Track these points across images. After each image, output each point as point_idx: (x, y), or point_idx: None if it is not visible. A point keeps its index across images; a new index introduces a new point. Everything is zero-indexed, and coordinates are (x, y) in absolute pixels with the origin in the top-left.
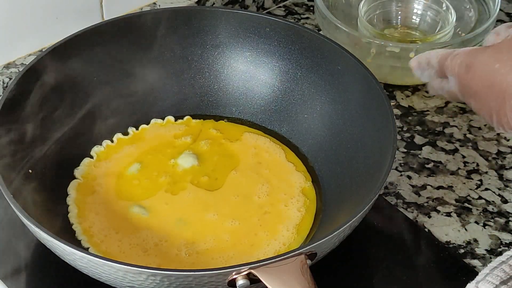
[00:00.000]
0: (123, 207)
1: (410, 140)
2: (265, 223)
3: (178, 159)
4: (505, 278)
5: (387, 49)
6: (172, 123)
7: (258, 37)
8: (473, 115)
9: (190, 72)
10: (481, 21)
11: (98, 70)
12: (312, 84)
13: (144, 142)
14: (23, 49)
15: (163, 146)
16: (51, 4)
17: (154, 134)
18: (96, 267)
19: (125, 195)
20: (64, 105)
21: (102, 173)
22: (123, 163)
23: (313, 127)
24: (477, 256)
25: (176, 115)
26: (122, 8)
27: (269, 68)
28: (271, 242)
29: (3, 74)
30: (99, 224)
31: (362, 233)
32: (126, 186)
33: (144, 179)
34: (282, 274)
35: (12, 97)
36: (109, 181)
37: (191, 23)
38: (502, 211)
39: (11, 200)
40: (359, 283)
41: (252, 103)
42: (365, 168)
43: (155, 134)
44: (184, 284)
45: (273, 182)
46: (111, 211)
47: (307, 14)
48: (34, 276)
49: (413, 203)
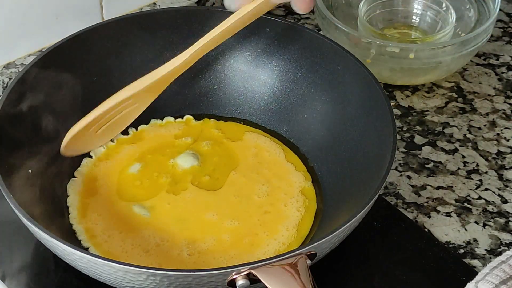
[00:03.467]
0: (125, 207)
1: (410, 140)
2: (265, 223)
3: (178, 158)
4: (504, 277)
5: (387, 49)
6: (172, 123)
7: (258, 37)
8: (473, 115)
9: (190, 72)
10: (481, 21)
11: (98, 70)
12: (312, 84)
13: (145, 142)
14: (23, 49)
15: (164, 146)
16: (51, 4)
17: (154, 134)
18: (96, 267)
19: (127, 195)
20: (63, 104)
21: (103, 173)
22: (123, 163)
23: (313, 127)
24: (477, 256)
25: (176, 115)
26: (122, 8)
27: (269, 68)
28: (271, 242)
29: (3, 74)
30: (101, 225)
31: (362, 233)
32: (127, 186)
33: (145, 179)
34: (282, 274)
35: (12, 97)
36: (110, 181)
37: (191, 23)
38: (502, 211)
39: (11, 200)
40: (359, 283)
41: (252, 103)
42: (365, 168)
43: (155, 134)
44: (184, 284)
45: (273, 182)
46: (113, 211)
47: (307, 14)
48: (34, 276)
49: (413, 203)
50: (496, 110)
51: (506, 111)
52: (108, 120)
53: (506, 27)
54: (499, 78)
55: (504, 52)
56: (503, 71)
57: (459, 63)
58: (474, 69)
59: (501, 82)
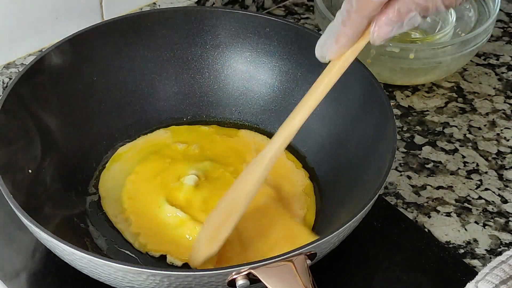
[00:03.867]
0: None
1: (410, 140)
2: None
3: (184, 179)
4: (504, 277)
5: (387, 49)
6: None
7: (258, 37)
8: (473, 115)
9: (190, 72)
10: (481, 21)
11: (98, 70)
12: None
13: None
14: (23, 49)
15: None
16: (51, 4)
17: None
18: (96, 267)
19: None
20: (63, 104)
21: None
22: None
23: (313, 127)
24: (477, 256)
25: (175, 115)
26: (122, 8)
27: (269, 68)
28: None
29: (3, 74)
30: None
31: (362, 233)
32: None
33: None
34: (282, 274)
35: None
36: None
37: (191, 23)
38: (502, 211)
39: (10, 200)
40: (359, 283)
41: (252, 103)
42: (365, 168)
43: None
44: (184, 284)
45: (274, 181)
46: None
47: (307, 14)
48: (34, 276)
49: (413, 203)
50: (496, 110)
51: (506, 111)
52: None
53: (506, 27)
54: (499, 78)
55: (504, 52)
56: (503, 71)
57: (459, 63)
58: (474, 69)
59: (501, 82)
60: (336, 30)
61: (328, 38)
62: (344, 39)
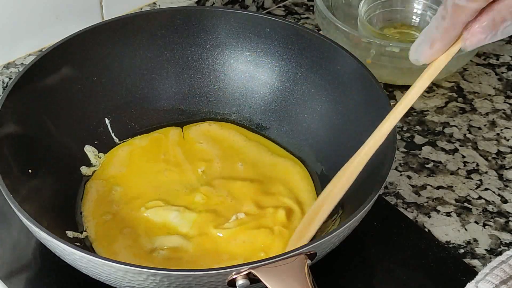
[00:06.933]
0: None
1: (410, 140)
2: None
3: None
4: (505, 277)
5: (387, 49)
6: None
7: (258, 37)
8: (473, 115)
9: (190, 72)
10: None
11: (98, 70)
12: (312, 84)
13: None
14: (23, 49)
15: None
16: (51, 4)
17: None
18: (96, 267)
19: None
20: (62, 104)
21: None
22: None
23: (313, 127)
24: (477, 256)
25: (175, 116)
26: (122, 8)
27: (269, 68)
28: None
29: (3, 74)
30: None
31: (362, 233)
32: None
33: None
34: (282, 274)
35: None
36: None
37: (191, 23)
38: (502, 211)
39: (10, 200)
40: (359, 283)
41: (252, 103)
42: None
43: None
44: (184, 284)
45: (274, 181)
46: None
47: (307, 14)
48: (34, 276)
49: (413, 203)
50: (496, 110)
51: (506, 111)
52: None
53: None
54: (499, 78)
55: (504, 52)
56: (503, 71)
57: (459, 63)
58: (474, 69)
59: (501, 82)
60: (430, 35)
61: (423, 43)
62: (438, 44)
